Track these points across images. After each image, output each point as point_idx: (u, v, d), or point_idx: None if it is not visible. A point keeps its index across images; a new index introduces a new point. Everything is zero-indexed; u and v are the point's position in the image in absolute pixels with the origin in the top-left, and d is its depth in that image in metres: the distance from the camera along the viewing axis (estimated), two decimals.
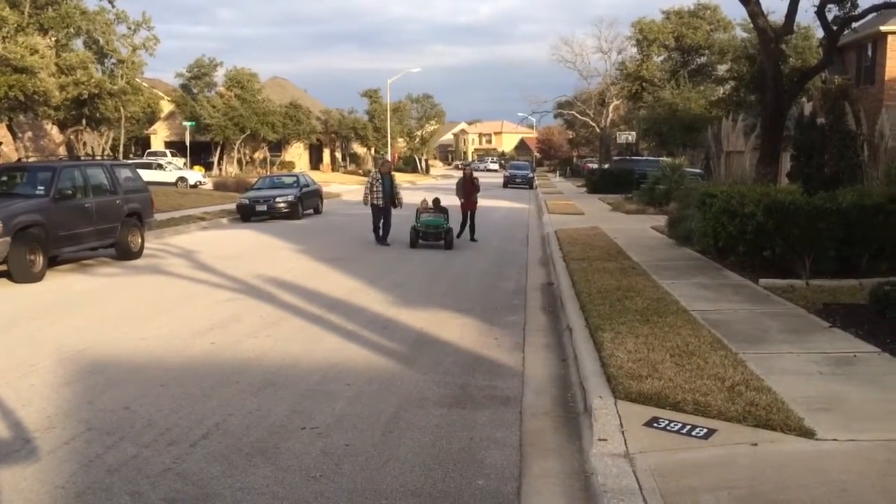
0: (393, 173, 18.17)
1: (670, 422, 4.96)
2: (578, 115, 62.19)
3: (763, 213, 10.17)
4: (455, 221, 17.05)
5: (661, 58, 44.35)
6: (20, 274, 11.62)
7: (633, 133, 46.34)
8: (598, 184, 37.60)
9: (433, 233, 16.14)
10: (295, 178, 26.93)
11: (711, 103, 35.50)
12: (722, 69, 39.99)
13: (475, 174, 18.97)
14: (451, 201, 17.25)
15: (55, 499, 4.28)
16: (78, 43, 31.27)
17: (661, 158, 33.39)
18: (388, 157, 58.27)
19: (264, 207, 23.54)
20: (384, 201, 16.81)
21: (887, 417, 5.05)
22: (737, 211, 10.65)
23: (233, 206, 25.22)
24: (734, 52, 35.75)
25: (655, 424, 4.94)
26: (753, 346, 6.84)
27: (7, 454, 4.91)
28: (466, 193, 17.55)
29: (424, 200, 17.14)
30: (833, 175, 12.38)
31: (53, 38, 26.98)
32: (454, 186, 18.21)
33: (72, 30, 29.02)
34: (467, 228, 17.56)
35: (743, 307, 8.63)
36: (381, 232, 16.82)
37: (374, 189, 16.89)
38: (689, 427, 4.87)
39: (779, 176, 16.04)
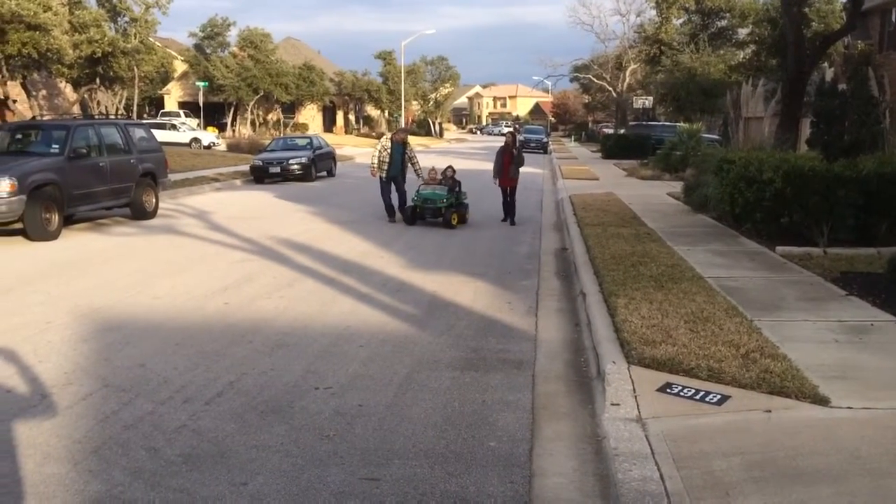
0: (408, 141, 15.45)
1: (684, 387, 4.95)
2: (595, 80, 61.46)
3: (781, 179, 10.05)
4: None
5: (680, 21, 43.55)
6: (36, 232, 11.68)
7: (650, 98, 45.73)
8: (613, 149, 37.25)
9: (430, 208, 14.05)
10: (308, 140, 26.83)
11: (731, 68, 34.91)
12: (743, 33, 39.26)
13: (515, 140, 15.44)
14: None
15: (73, 453, 4.33)
16: (91, 0, 31.09)
17: (677, 124, 32.99)
18: (403, 122, 57.93)
19: (277, 169, 23.52)
20: (389, 174, 14.64)
21: None
22: (755, 177, 10.52)
23: (246, 167, 25.21)
24: (755, 15, 35.05)
25: (669, 390, 4.93)
26: (769, 313, 6.80)
27: (25, 409, 4.97)
28: (504, 167, 14.68)
29: (433, 169, 14.94)
30: (853, 142, 12.18)
31: None
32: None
33: None
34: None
35: (759, 274, 8.57)
36: (394, 206, 14.67)
37: (382, 159, 14.68)
38: (702, 393, 4.85)
39: (798, 142, 15.84)
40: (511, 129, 20.05)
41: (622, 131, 45.47)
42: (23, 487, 3.93)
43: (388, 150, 14.76)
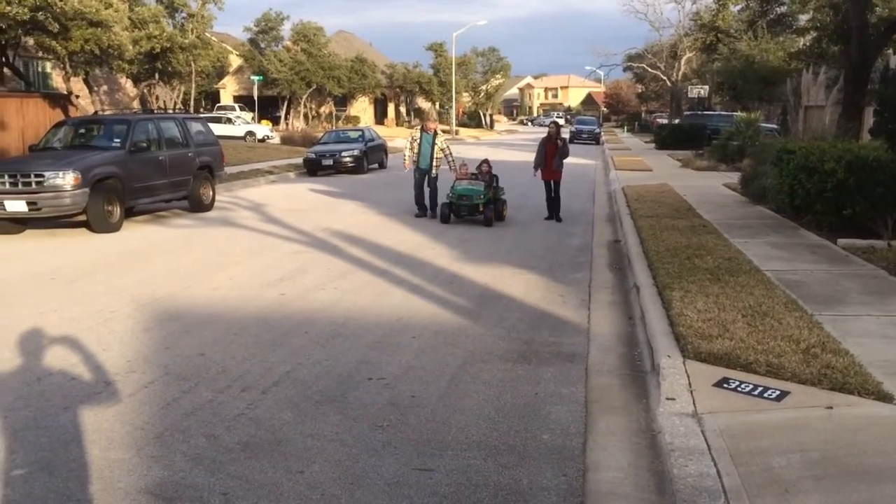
0: (439, 132, 14.82)
1: (741, 383, 4.86)
2: (648, 69, 60.48)
3: (844, 170, 9.77)
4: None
5: (738, 7, 42.51)
6: (98, 224, 12.05)
7: (706, 87, 44.82)
8: (667, 140, 36.65)
9: (466, 205, 13.24)
10: (360, 133, 27.06)
11: (791, 55, 33.89)
12: (803, 19, 38.10)
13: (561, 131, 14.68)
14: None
15: (136, 439, 4.47)
16: None
17: (734, 113, 32.27)
18: (453, 113, 57.80)
19: (330, 162, 23.79)
20: (422, 165, 14.13)
21: None
22: (816, 168, 10.24)
23: (299, 160, 25.55)
24: (817, 0, 34.02)
25: (725, 385, 4.85)
26: (830, 307, 6.62)
27: (90, 395, 5.14)
28: (547, 159, 13.93)
29: (464, 164, 14.05)
30: None
31: None
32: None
33: None
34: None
35: (820, 268, 8.34)
36: (426, 202, 14.23)
37: (413, 150, 14.24)
38: (760, 389, 4.76)
39: (861, 132, 15.35)
40: (554, 120, 19.47)
41: (677, 121, 44.69)
42: (89, 472, 4.07)
43: (418, 142, 14.20)
